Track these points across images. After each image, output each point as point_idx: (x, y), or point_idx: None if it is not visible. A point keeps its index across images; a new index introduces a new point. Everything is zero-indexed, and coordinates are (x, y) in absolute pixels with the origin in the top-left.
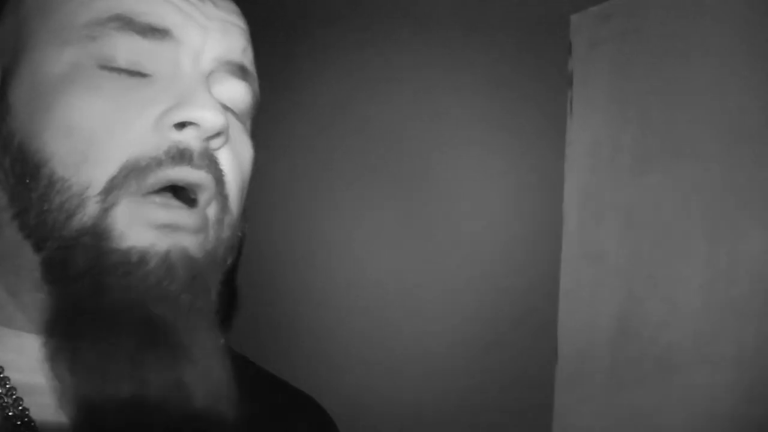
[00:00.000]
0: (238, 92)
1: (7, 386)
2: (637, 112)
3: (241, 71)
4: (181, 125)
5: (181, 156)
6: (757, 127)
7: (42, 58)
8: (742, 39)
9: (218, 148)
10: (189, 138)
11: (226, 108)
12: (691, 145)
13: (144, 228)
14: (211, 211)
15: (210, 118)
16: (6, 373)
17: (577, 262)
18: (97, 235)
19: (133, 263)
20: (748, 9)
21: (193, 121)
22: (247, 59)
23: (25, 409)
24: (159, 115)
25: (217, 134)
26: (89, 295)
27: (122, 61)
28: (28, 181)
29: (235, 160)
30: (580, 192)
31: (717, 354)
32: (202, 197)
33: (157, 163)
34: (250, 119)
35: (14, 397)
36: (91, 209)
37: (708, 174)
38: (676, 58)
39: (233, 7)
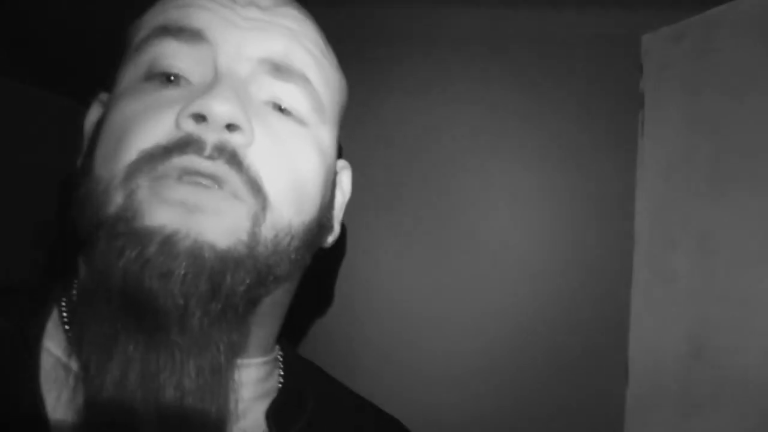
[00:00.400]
0: (286, 93)
1: None
2: (711, 133)
3: (284, 71)
4: (198, 118)
5: (187, 144)
6: None
7: (116, 83)
8: None
9: (244, 145)
10: (201, 129)
11: (278, 108)
12: (766, 169)
13: (162, 207)
14: (245, 200)
15: (215, 107)
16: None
17: (648, 283)
18: (123, 218)
19: (141, 239)
20: None
21: (199, 111)
22: (298, 59)
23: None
24: (179, 111)
25: (233, 127)
26: (103, 275)
27: (159, 66)
28: (81, 185)
29: (279, 159)
30: (652, 213)
31: None
32: (226, 187)
33: (166, 151)
34: (320, 122)
35: None
36: (117, 197)
37: None
38: (750, 78)
39: (295, 12)
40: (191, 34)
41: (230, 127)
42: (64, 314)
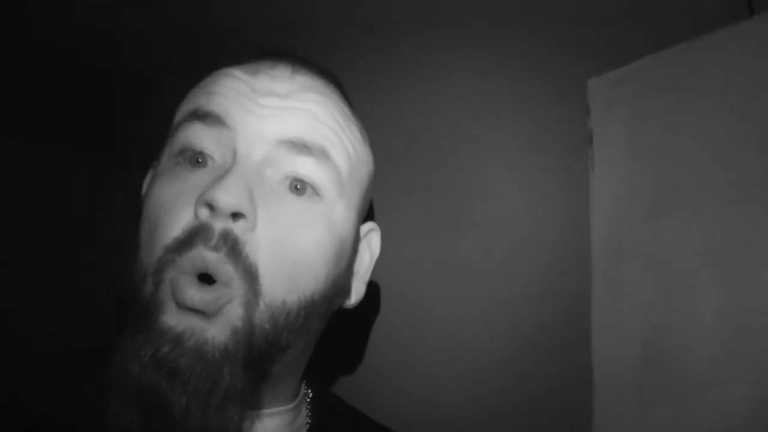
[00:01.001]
0: (305, 168)
1: None
2: (651, 167)
3: (304, 148)
4: (209, 206)
5: (198, 235)
6: (759, 177)
7: (157, 163)
8: (742, 98)
9: (246, 231)
10: (212, 217)
11: (293, 189)
12: (699, 195)
13: (172, 307)
14: (235, 291)
15: (221, 198)
16: None
17: (605, 299)
18: (147, 308)
19: (162, 341)
20: (750, 73)
21: (208, 201)
22: (317, 136)
23: None
24: (197, 198)
25: (237, 216)
26: (124, 369)
27: (189, 146)
28: (131, 259)
29: (279, 242)
30: (604, 236)
31: (734, 375)
32: (221, 279)
33: (182, 244)
34: (338, 193)
35: None
36: (148, 286)
37: (716, 219)
38: (683, 117)
39: (308, 95)
40: (214, 119)
41: (235, 215)
42: None
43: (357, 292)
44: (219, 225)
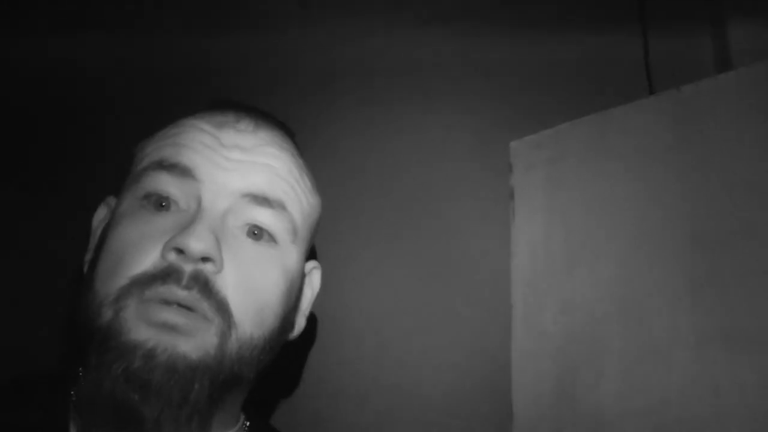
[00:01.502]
0: (263, 218)
1: None
2: (565, 222)
3: (264, 201)
4: (178, 251)
5: (168, 275)
6: (657, 231)
7: (118, 202)
8: (639, 163)
9: (215, 272)
10: (180, 260)
11: (252, 236)
12: (606, 247)
13: (143, 326)
14: (213, 321)
15: (193, 244)
16: None
17: (524, 340)
18: (109, 332)
19: (124, 354)
20: (646, 142)
21: (180, 247)
22: (276, 191)
23: None
24: (166, 242)
25: (205, 259)
26: (91, 385)
27: (154, 192)
28: (84, 292)
29: (243, 282)
30: (524, 284)
31: (641, 407)
32: (198, 311)
33: (152, 278)
34: (292, 240)
35: None
36: (106, 314)
37: (620, 269)
38: (593, 178)
39: (276, 151)
40: (182, 171)
41: (204, 259)
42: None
43: (299, 325)
44: (189, 267)
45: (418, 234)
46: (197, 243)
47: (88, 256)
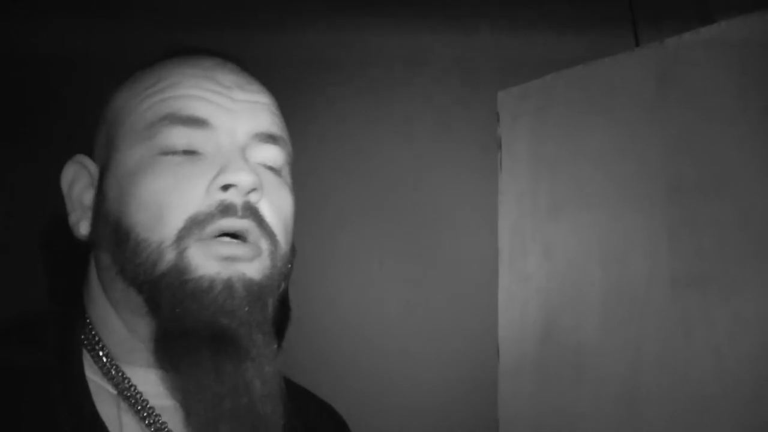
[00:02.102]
0: (271, 154)
1: (148, 407)
2: (550, 171)
3: (270, 138)
4: (225, 187)
5: (227, 210)
6: (637, 180)
7: (121, 157)
8: (623, 117)
9: (258, 201)
10: (232, 196)
11: (266, 167)
12: (588, 196)
13: (210, 261)
14: (263, 245)
15: (244, 178)
16: (147, 399)
17: (509, 283)
18: (178, 271)
19: (205, 288)
20: (631, 95)
21: (232, 183)
22: (275, 127)
23: (164, 423)
24: (208, 182)
25: (253, 190)
26: (176, 320)
27: (176, 147)
28: (122, 245)
29: (274, 207)
30: (510, 231)
31: (618, 345)
32: (251, 237)
33: (211, 216)
34: (288, 171)
35: (155, 415)
36: (169, 256)
37: (602, 217)
38: (578, 129)
39: (258, 87)
40: (197, 122)
41: (251, 190)
42: (99, 343)
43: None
44: (239, 200)
45: (409, 186)
46: (247, 176)
47: (76, 217)
